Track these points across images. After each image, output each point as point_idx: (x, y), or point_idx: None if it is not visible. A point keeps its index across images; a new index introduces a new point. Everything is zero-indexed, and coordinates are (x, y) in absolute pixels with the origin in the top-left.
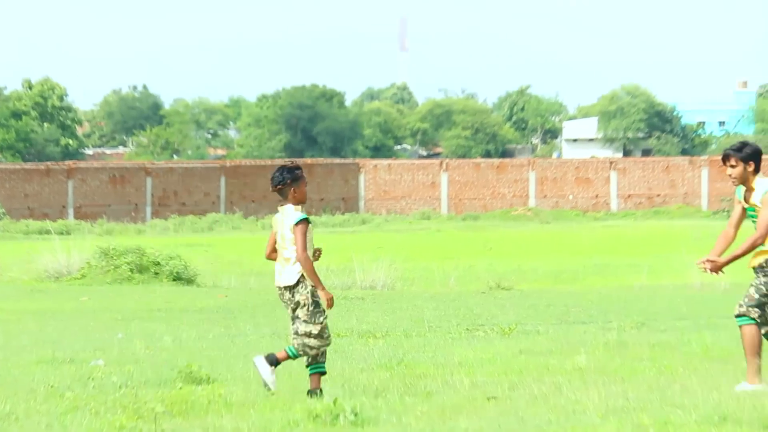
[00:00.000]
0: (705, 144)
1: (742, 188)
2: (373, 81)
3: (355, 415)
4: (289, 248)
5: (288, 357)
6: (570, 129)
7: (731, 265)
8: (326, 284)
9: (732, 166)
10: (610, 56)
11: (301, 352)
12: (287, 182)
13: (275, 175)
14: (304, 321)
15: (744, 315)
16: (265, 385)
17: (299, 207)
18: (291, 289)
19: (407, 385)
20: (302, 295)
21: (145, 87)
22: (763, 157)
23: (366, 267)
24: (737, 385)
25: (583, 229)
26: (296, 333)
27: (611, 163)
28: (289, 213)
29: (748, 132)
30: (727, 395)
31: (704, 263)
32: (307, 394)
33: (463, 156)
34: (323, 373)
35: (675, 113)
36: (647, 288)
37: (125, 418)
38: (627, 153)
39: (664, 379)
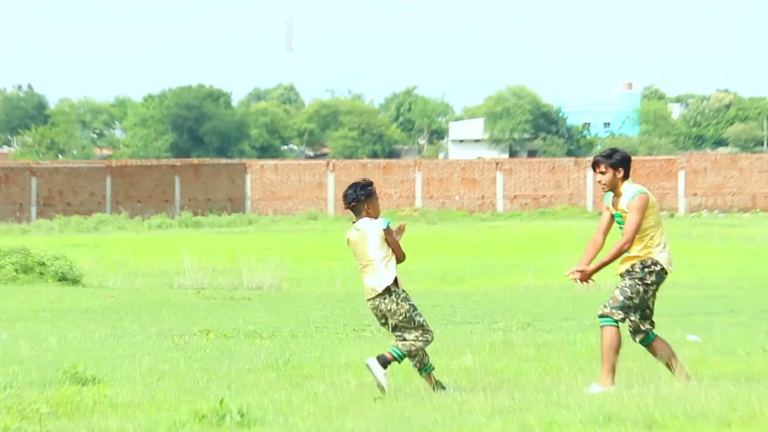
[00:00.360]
0: (590, 145)
1: (611, 194)
2: (259, 81)
3: (242, 415)
4: (376, 257)
5: (394, 359)
6: (456, 130)
7: (615, 266)
8: (212, 285)
9: (602, 173)
10: (496, 57)
11: (408, 352)
12: (361, 199)
13: (348, 192)
14: (405, 327)
15: (607, 316)
16: (379, 386)
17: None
18: (385, 295)
19: (294, 386)
20: (394, 302)
21: (29, 86)
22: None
23: (253, 267)
24: (588, 386)
25: (469, 229)
26: (405, 340)
27: (497, 164)
28: (373, 224)
29: (632, 133)
30: (611, 395)
31: (573, 273)
32: (434, 390)
33: (350, 157)
34: (433, 369)
35: (560, 114)
36: (533, 288)
37: (9, 419)
38: (513, 154)
39: (550, 379)
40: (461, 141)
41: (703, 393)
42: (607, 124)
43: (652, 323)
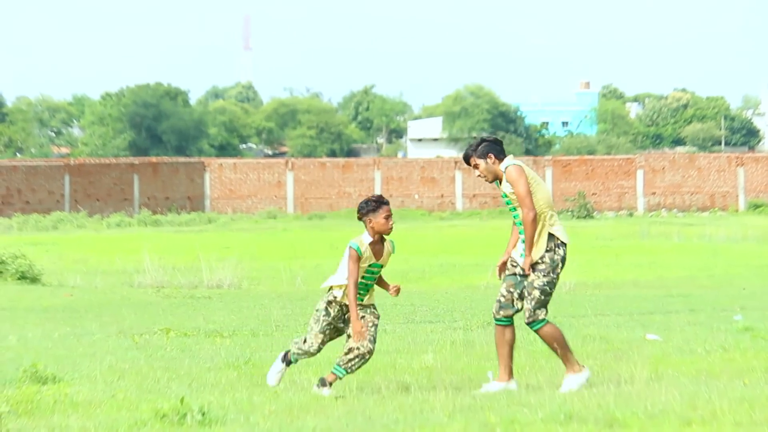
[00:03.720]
0: (549, 144)
1: (498, 182)
2: (217, 80)
3: (203, 414)
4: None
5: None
6: (415, 129)
7: (576, 266)
8: (172, 283)
9: (476, 167)
10: (454, 56)
11: None
12: (363, 212)
13: (359, 204)
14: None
15: (535, 321)
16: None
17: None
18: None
19: (255, 385)
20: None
21: None
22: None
23: (213, 266)
24: (561, 387)
25: (428, 228)
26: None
27: (456, 162)
28: (353, 240)
29: (591, 132)
30: (572, 394)
31: (516, 268)
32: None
33: (309, 155)
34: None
35: (518, 113)
36: (493, 287)
37: None
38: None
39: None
40: (420, 140)
41: (663, 391)
42: (565, 123)
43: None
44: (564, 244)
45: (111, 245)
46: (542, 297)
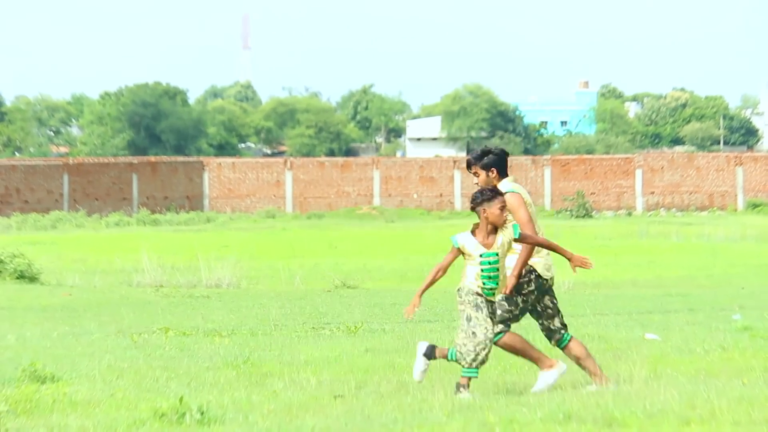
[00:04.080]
0: (547, 143)
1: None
2: (216, 79)
3: (202, 413)
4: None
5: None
6: (414, 128)
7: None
8: (170, 283)
9: (475, 174)
10: (453, 56)
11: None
12: (478, 202)
13: (473, 194)
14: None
15: (495, 334)
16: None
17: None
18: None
19: (253, 384)
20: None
21: None
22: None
23: (211, 265)
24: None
25: (427, 227)
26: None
27: (455, 162)
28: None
29: (589, 132)
30: (571, 393)
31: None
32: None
33: (308, 155)
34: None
35: (517, 113)
36: None
37: None
38: (470, 152)
39: (510, 377)
40: (419, 139)
41: (662, 391)
42: (563, 123)
43: (564, 325)
44: (540, 277)
45: (110, 244)
46: (501, 314)
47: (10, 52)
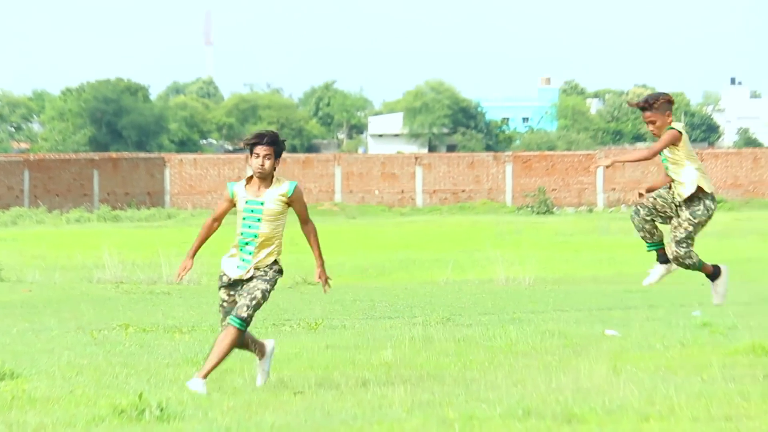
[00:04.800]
0: (509, 140)
1: (235, 184)
2: (178, 75)
3: (161, 410)
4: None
5: None
6: (375, 124)
7: (535, 262)
8: (131, 279)
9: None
10: (414, 52)
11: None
12: None
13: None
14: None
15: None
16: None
17: None
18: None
19: (213, 380)
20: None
21: None
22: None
23: (172, 262)
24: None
25: (389, 224)
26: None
27: (416, 158)
28: None
29: (551, 128)
30: (531, 389)
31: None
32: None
33: None
34: None
35: (479, 109)
36: (452, 283)
37: None
38: (432, 149)
39: (470, 373)
40: (380, 135)
41: (621, 387)
42: (525, 119)
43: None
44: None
45: (70, 241)
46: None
47: None
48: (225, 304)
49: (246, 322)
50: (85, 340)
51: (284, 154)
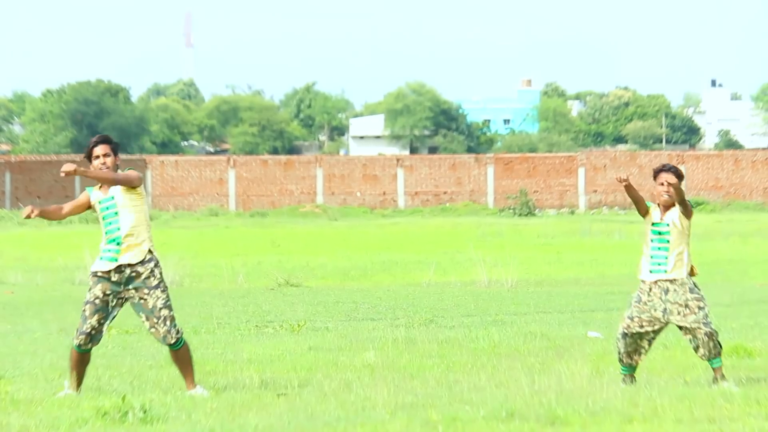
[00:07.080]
0: (491, 142)
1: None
2: (159, 77)
3: (144, 412)
4: None
5: None
6: (357, 126)
7: (518, 264)
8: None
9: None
10: (395, 54)
11: None
12: None
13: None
14: None
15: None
16: None
17: None
18: None
19: (196, 382)
20: None
21: None
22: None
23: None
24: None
25: (371, 226)
26: None
27: (398, 160)
28: None
29: (532, 130)
30: (514, 391)
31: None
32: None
33: (251, 153)
34: None
35: (460, 111)
36: (435, 285)
37: None
38: (414, 150)
39: (453, 375)
40: (362, 137)
41: (604, 389)
42: (507, 121)
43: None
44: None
45: (52, 242)
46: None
47: None
48: (97, 301)
49: (178, 339)
50: (68, 342)
51: (265, 156)
